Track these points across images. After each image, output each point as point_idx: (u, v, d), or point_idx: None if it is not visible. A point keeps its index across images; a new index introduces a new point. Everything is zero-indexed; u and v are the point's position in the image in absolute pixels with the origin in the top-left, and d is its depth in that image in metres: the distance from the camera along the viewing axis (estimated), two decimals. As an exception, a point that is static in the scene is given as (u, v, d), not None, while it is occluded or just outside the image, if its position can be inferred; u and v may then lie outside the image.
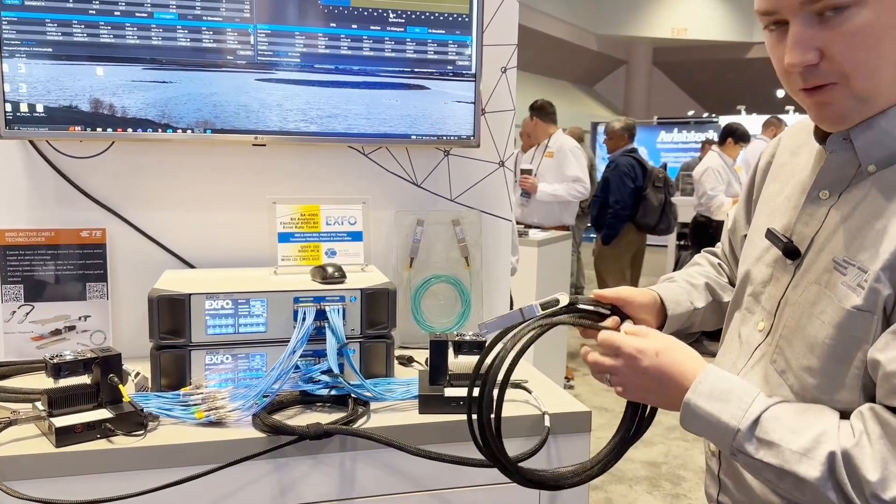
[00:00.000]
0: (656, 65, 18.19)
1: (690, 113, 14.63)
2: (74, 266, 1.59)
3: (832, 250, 0.92)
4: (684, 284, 1.27)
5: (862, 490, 0.81)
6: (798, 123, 1.14)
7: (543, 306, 1.09)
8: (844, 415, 0.89)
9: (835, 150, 0.95)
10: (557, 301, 1.09)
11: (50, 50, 1.47)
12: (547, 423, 1.29)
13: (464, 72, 1.72)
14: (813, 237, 0.97)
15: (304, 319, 1.35)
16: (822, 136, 0.99)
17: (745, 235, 1.22)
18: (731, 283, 1.31)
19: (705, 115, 14.04)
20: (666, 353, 0.99)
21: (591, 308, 1.13)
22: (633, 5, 15.77)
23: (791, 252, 0.99)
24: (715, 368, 0.97)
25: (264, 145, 1.65)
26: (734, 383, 0.94)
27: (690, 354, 0.99)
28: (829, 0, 0.82)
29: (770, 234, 1.04)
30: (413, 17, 1.66)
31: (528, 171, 5.04)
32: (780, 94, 12.30)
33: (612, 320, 1.11)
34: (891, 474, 0.80)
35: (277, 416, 1.25)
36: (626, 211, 5.46)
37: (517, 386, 1.43)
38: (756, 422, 0.88)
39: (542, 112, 5.24)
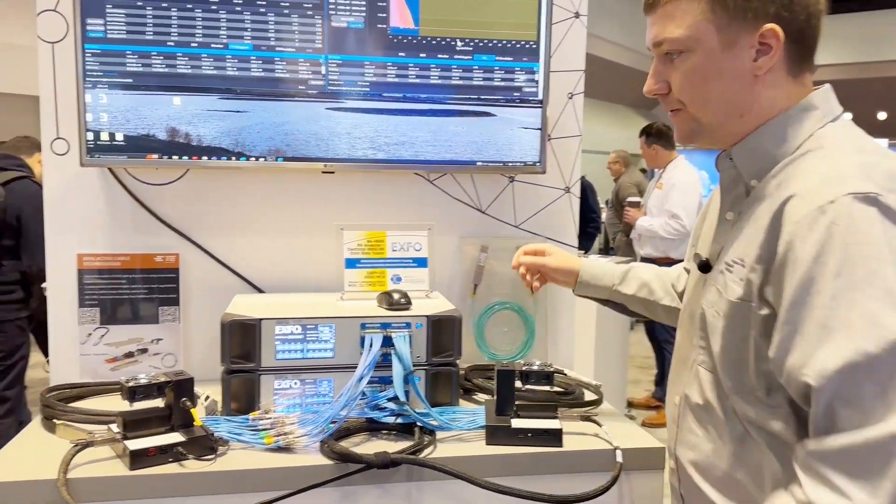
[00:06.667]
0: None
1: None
2: (148, 290, 1.63)
3: (726, 257, 1.05)
4: (625, 268, 1.44)
5: None
6: None
7: None
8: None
9: (724, 169, 1.08)
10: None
11: (130, 81, 1.52)
12: (619, 458, 1.26)
13: (530, 98, 1.71)
14: (720, 252, 1.09)
15: (371, 346, 1.35)
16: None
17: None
18: None
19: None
20: None
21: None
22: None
23: (704, 266, 1.11)
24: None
25: (333, 172, 1.66)
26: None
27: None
28: (666, 46, 1.04)
29: (695, 256, 1.17)
30: (480, 45, 1.66)
31: (637, 204, 4.88)
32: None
33: None
34: None
35: (344, 443, 1.24)
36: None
37: (586, 419, 1.40)
38: None
39: (663, 138, 4.73)
